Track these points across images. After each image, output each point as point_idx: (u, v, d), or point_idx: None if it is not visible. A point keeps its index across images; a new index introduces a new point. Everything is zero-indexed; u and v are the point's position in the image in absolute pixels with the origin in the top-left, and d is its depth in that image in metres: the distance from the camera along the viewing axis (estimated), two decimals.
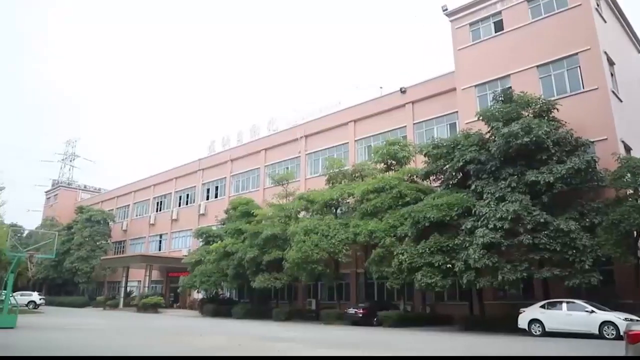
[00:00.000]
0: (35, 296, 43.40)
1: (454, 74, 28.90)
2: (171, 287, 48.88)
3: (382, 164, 28.78)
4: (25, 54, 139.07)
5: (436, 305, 26.83)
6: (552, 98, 22.46)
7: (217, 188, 49.10)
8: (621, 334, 13.35)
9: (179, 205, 53.45)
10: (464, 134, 22.84)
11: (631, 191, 18.48)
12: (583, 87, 22.70)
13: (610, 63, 23.59)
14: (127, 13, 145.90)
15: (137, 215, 60.50)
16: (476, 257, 18.23)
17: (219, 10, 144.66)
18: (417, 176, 26.10)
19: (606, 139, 21.11)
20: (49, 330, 18.63)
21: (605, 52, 23.02)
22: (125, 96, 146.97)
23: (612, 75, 23.53)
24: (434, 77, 32.12)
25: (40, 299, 43.57)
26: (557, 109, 21.17)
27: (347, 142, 36.47)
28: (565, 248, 17.41)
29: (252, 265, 29.93)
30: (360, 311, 24.98)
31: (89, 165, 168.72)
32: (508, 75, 25.46)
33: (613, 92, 22.67)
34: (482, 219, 19.03)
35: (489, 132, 21.78)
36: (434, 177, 24.65)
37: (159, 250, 53.79)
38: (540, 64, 24.40)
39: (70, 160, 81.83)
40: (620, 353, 9.60)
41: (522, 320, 18.07)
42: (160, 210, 56.44)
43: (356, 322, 24.78)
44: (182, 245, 49.92)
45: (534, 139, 19.01)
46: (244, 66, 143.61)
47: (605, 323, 16.01)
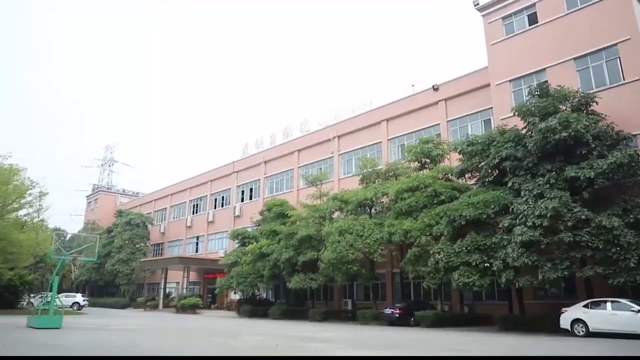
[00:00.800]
0: (79, 297, 44.89)
1: (487, 69, 28.45)
2: (208, 288, 49.65)
3: (416, 162, 28.55)
4: (60, 61, 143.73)
5: (474, 305, 26.46)
6: (591, 91, 21.84)
7: (251, 190, 49.64)
8: None
9: (215, 208, 54.28)
10: (499, 130, 22.46)
11: None
12: (623, 79, 21.97)
13: None
14: (169, 14, 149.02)
15: (174, 218, 61.75)
16: (515, 255, 17.89)
17: (252, 12, 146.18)
18: (451, 174, 25.83)
19: None
20: (94, 331, 19.19)
21: None
22: (161, 101, 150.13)
23: None
24: (467, 73, 31.66)
25: (83, 300, 45.08)
26: (597, 102, 20.55)
27: (380, 141, 36.31)
28: (608, 245, 16.87)
29: (288, 266, 30.18)
30: (397, 311, 24.86)
31: (127, 169, 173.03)
32: (544, 69, 24.90)
33: None
34: (520, 216, 18.64)
35: (525, 127, 21.32)
36: (469, 174, 24.30)
37: (196, 252, 54.76)
38: (578, 56, 23.75)
39: (109, 166, 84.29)
40: None
41: (565, 321, 17.61)
42: (196, 212, 57.44)
43: (393, 322, 24.68)
44: (219, 247, 50.71)
45: (572, 133, 18.52)
46: (277, 68, 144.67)
47: None
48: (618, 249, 16.71)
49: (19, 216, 34.39)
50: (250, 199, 49.16)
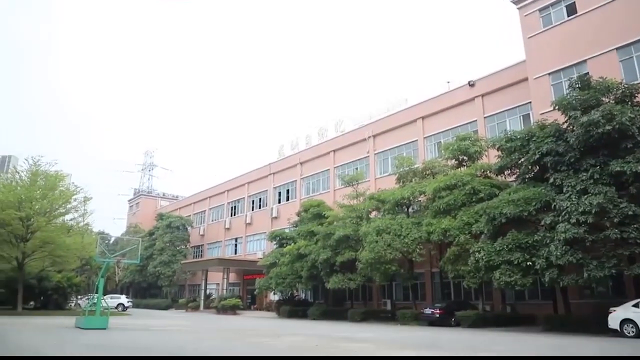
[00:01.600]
0: (124, 299, 46.27)
1: (524, 63, 27.76)
2: (248, 289, 50.33)
3: (453, 160, 28.19)
4: (102, 70, 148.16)
5: (517, 305, 25.89)
6: (635, 82, 21.01)
7: (287, 191, 50.01)
8: None
9: (252, 209, 54.94)
10: (539, 125, 21.82)
11: None
12: None
13: None
14: (206, 19, 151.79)
15: (213, 220, 62.81)
16: (558, 253, 17.41)
17: (289, 13, 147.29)
18: (490, 171, 25.36)
19: None
20: (139, 332, 19.73)
21: None
22: (198, 105, 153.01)
23: None
24: (503, 68, 31.04)
25: (128, 301, 46.41)
26: None
27: (416, 140, 35.97)
28: None
29: (326, 266, 30.28)
30: (437, 311, 24.59)
31: (166, 173, 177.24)
32: (584, 61, 24.15)
33: None
34: (563, 213, 18.10)
35: (566, 122, 20.67)
36: (509, 171, 23.75)
37: (235, 253, 55.60)
38: (620, 46, 22.93)
39: (149, 170, 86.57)
40: None
41: (613, 321, 16.97)
42: (234, 214, 58.29)
43: (433, 322, 24.44)
44: (257, 248, 51.31)
45: (617, 126, 17.84)
46: (312, 68, 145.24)
47: None
48: None
49: (65, 220, 35.68)
50: (287, 200, 49.53)
